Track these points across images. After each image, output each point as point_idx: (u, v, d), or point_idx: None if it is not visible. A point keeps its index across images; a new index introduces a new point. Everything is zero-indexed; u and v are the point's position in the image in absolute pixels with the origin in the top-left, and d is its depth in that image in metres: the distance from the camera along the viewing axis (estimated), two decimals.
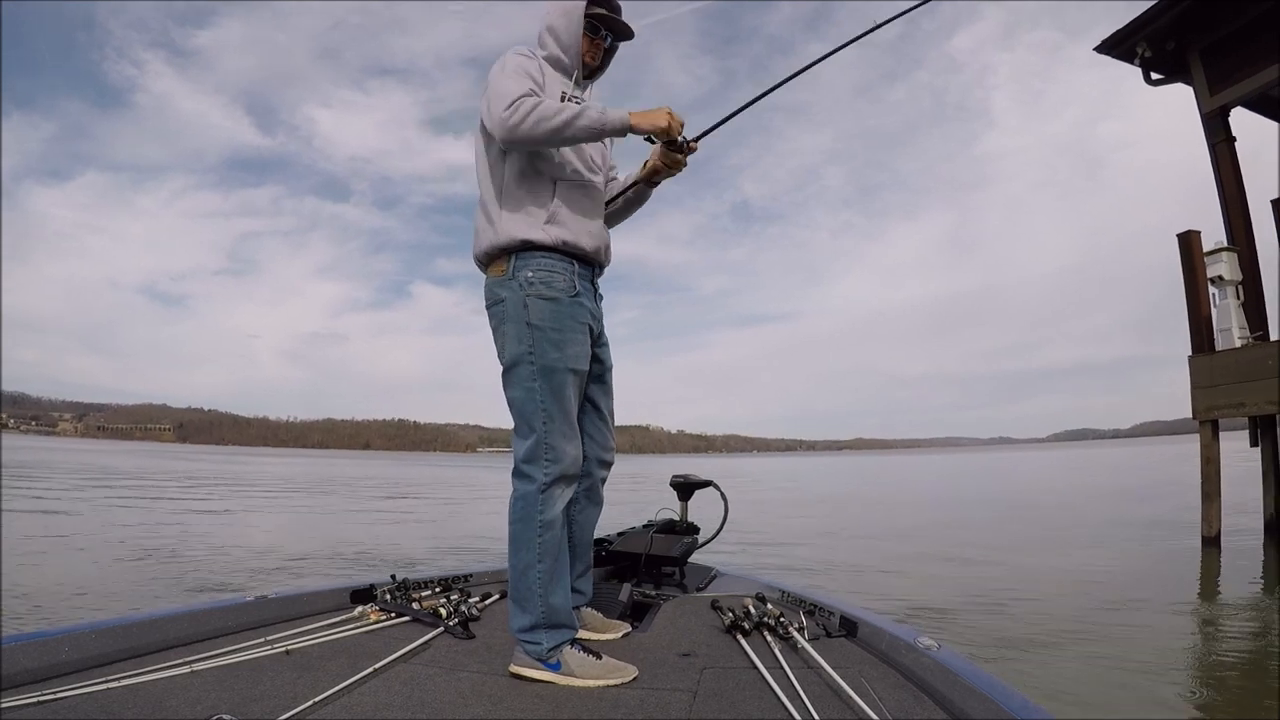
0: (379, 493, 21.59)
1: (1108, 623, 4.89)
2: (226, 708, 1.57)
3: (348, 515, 13.93)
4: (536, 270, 1.98)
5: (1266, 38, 7.51)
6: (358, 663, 1.90)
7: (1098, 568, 7.11)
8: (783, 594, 2.66)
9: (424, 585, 2.69)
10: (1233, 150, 8.15)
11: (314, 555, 8.08)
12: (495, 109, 1.89)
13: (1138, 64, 8.79)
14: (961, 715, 1.56)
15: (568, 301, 2.00)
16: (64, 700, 1.57)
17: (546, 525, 1.95)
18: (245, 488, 22.05)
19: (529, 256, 1.99)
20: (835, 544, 9.66)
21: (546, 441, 1.96)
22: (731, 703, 1.71)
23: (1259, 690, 3.62)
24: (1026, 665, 3.93)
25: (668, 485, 3.26)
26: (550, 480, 1.96)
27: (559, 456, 1.97)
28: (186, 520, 11.51)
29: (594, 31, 2.15)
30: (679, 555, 2.94)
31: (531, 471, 1.97)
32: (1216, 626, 4.91)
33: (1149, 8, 8.30)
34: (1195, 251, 7.99)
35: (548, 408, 1.97)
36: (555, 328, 1.97)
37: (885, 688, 1.76)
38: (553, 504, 1.97)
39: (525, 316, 1.97)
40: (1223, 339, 7.67)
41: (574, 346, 2.00)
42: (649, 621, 2.45)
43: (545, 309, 1.97)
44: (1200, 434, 7.73)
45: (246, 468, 41.32)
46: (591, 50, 2.17)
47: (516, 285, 1.98)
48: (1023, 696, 1.49)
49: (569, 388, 1.99)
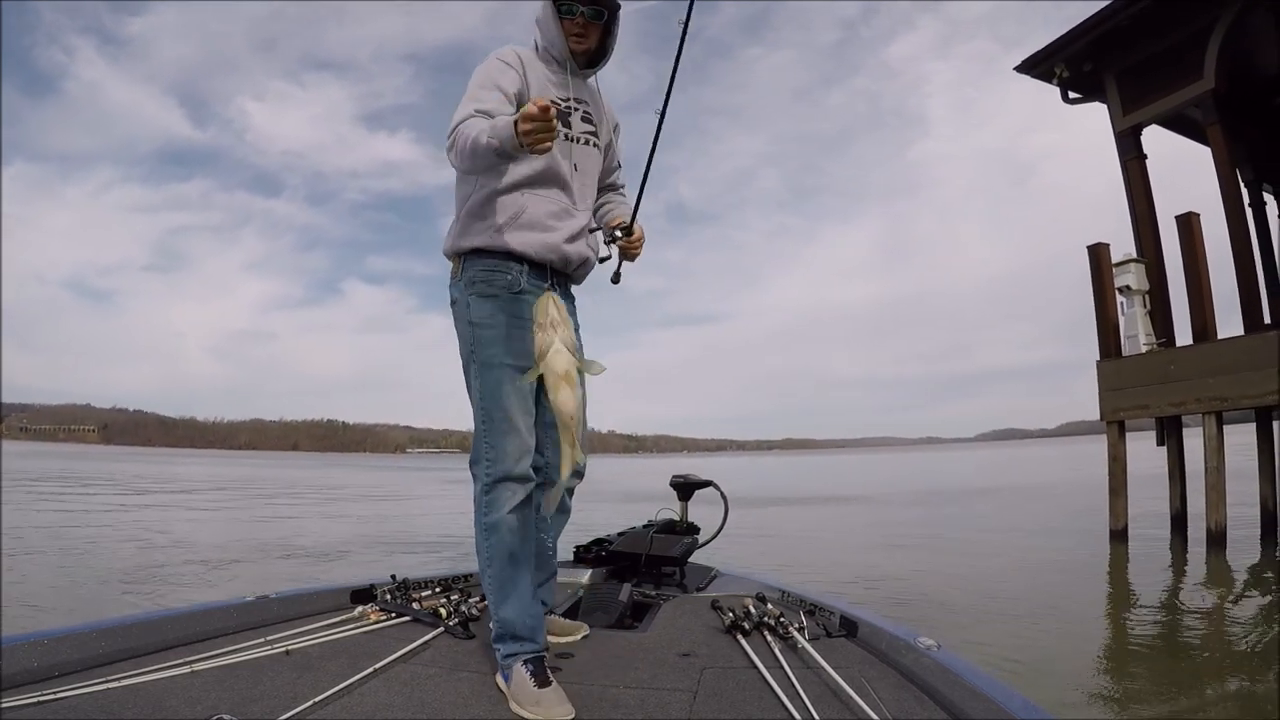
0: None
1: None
2: (226, 708, 1.57)
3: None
4: (480, 270, 1.98)
5: (1177, 63, 8.00)
6: (358, 663, 1.91)
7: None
8: (783, 594, 2.67)
9: (424, 585, 2.68)
10: (1143, 167, 8.63)
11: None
12: (451, 125, 1.86)
13: (1055, 84, 9.22)
14: (961, 715, 1.57)
15: (507, 298, 1.97)
16: (64, 700, 1.57)
17: (490, 528, 1.92)
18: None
19: (475, 257, 1.99)
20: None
21: (486, 440, 1.94)
22: (731, 703, 1.73)
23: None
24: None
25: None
26: (491, 480, 1.92)
27: (499, 456, 1.92)
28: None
29: (569, 13, 2.03)
30: (679, 555, 2.96)
31: (475, 472, 1.96)
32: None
33: (1068, 31, 8.72)
34: (1103, 263, 8.47)
35: (486, 405, 1.95)
36: (492, 324, 1.96)
37: (885, 688, 1.77)
38: (496, 506, 1.92)
39: (468, 315, 1.98)
40: (1129, 345, 8.12)
41: (513, 343, 1.94)
42: (649, 621, 2.46)
43: (484, 306, 1.97)
44: (1108, 434, 8.18)
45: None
46: (577, 34, 2.05)
47: (463, 285, 2.00)
48: (1023, 697, 1.52)
49: (508, 384, 1.93)
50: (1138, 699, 3.39)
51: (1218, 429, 7.12)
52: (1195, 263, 7.75)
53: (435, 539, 10.17)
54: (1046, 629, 4.68)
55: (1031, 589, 6.15)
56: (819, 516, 14.25)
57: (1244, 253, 7.59)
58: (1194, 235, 7.75)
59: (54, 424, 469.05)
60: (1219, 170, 7.70)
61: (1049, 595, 5.84)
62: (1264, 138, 9.96)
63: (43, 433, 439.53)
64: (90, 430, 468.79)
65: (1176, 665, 3.91)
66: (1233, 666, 3.78)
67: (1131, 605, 5.49)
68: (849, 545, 9.59)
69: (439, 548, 9.23)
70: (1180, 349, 7.87)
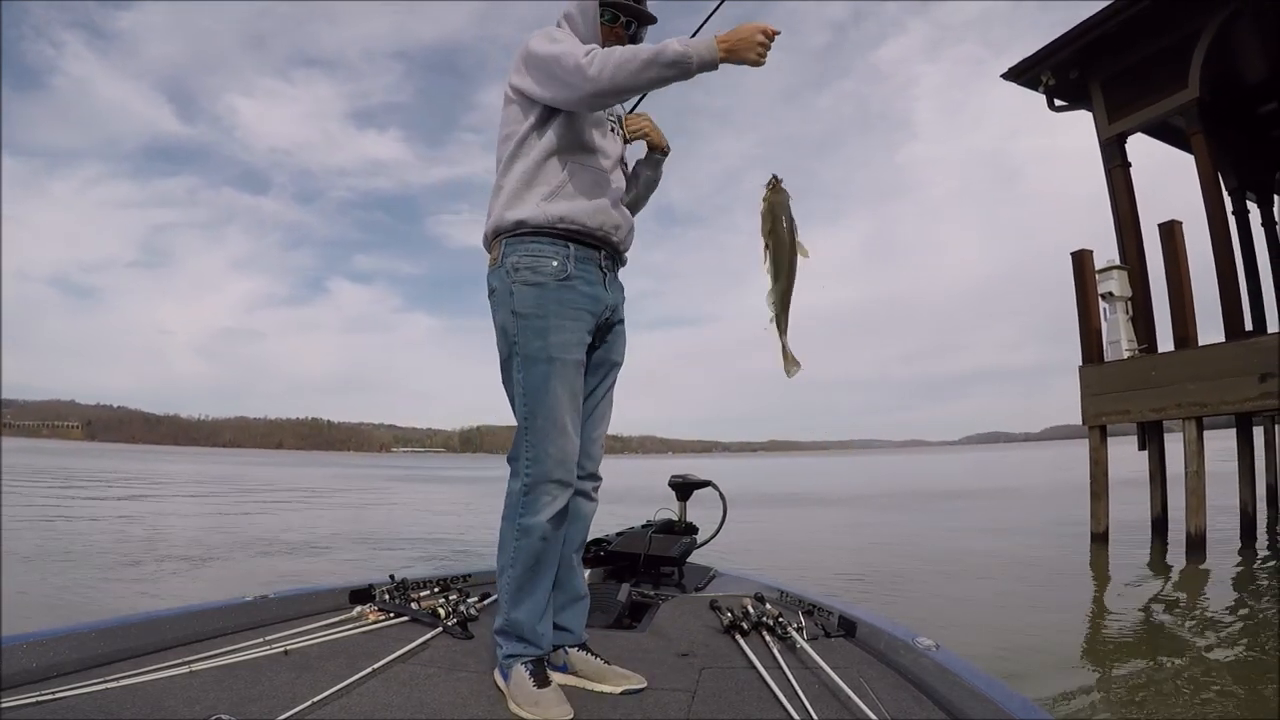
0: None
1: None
2: (225, 708, 1.58)
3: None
4: (523, 255, 1.87)
5: (1162, 72, 8.09)
6: (356, 663, 1.91)
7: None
8: (781, 594, 2.68)
9: (422, 585, 2.68)
10: (1127, 175, 8.71)
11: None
12: (569, 65, 1.77)
13: (1042, 91, 9.29)
14: (960, 715, 1.58)
15: (555, 286, 1.86)
16: (63, 700, 1.57)
17: (524, 531, 1.83)
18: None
19: (517, 241, 1.89)
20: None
21: (527, 439, 1.85)
22: (730, 703, 1.73)
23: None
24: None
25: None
26: (531, 482, 1.83)
27: (539, 456, 1.83)
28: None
29: (612, 20, 2.03)
30: (678, 555, 2.96)
31: (514, 469, 1.88)
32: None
33: (1054, 40, 8.80)
34: (1087, 269, 8.58)
35: (529, 402, 1.85)
36: (539, 314, 1.85)
37: (884, 688, 1.78)
38: (536, 509, 1.82)
39: (511, 305, 1.86)
40: (1111, 350, 8.21)
41: (559, 334, 1.85)
42: (647, 621, 2.46)
43: (530, 295, 1.85)
44: (1089, 438, 8.27)
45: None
46: (611, 39, 2.03)
47: (504, 273, 1.88)
48: (1022, 697, 1.52)
49: (554, 380, 1.84)
50: (1115, 701, 3.42)
51: (1198, 434, 7.22)
52: (1177, 270, 7.85)
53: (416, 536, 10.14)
54: (1023, 629, 4.73)
55: (1010, 590, 6.23)
56: (804, 517, 14.32)
57: (1226, 260, 7.69)
58: (1176, 243, 7.85)
59: (38, 420, 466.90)
60: (1202, 179, 7.79)
61: (1027, 596, 5.92)
62: (1248, 145, 10.12)
63: (26, 429, 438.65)
64: (74, 427, 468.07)
65: (1153, 667, 3.95)
66: (1210, 669, 3.82)
67: (1109, 607, 5.55)
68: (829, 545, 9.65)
69: (420, 545, 9.20)
70: (1162, 355, 7.97)
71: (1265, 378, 6.61)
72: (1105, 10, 8.14)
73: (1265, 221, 10.67)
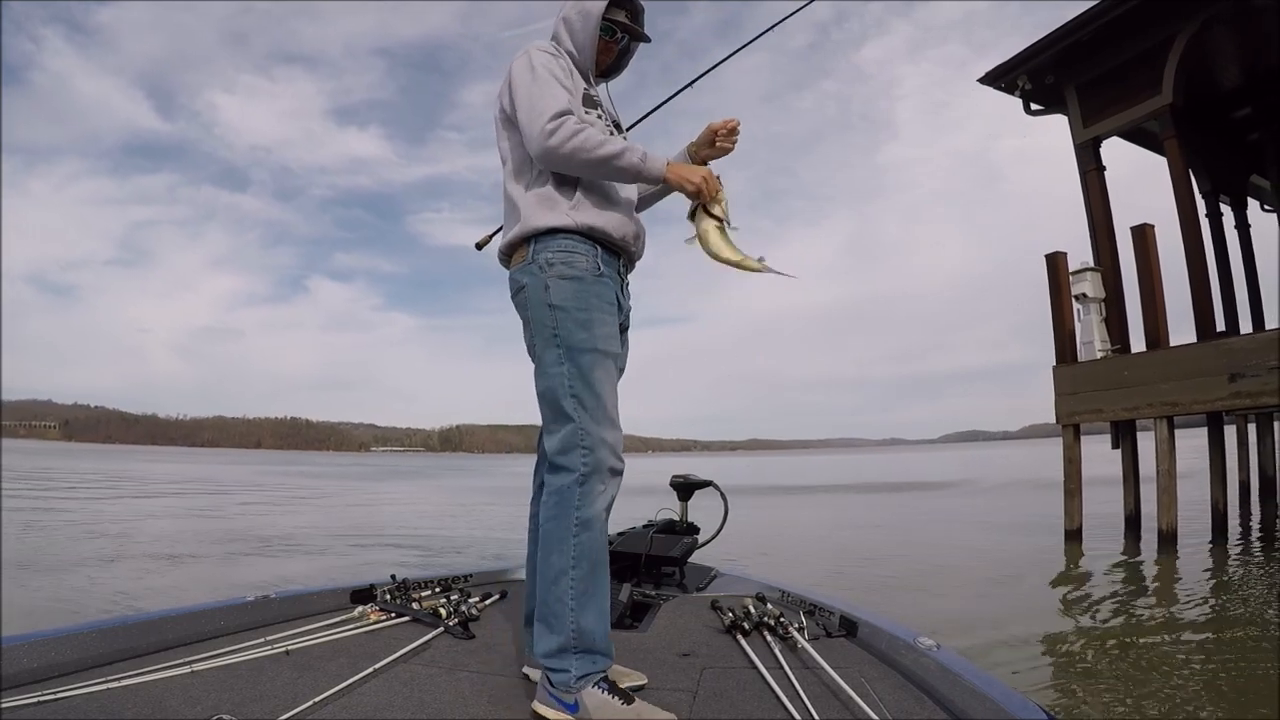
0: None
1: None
2: (227, 708, 1.58)
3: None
4: (556, 251, 1.86)
5: (1137, 77, 8.24)
6: (358, 663, 1.91)
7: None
8: (783, 594, 2.68)
9: (424, 585, 2.68)
10: (1102, 178, 8.85)
11: None
12: (535, 123, 1.81)
13: (1018, 95, 9.41)
14: (961, 715, 1.59)
15: (591, 280, 1.86)
16: (64, 700, 1.57)
17: (584, 524, 1.74)
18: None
19: (549, 239, 1.87)
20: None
21: (581, 428, 1.78)
22: (731, 703, 1.73)
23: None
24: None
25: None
26: (589, 470, 1.76)
27: (595, 444, 1.78)
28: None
29: (609, 34, 2.09)
30: (679, 555, 2.96)
31: (567, 462, 1.78)
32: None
33: (1031, 45, 8.90)
34: (1061, 271, 8.72)
35: (578, 392, 1.80)
36: (580, 307, 1.84)
37: (885, 688, 1.78)
38: (591, 499, 1.76)
39: (547, 299, 1.84)
40: (1085, 351, 8.35)
41: (602, 327, 1.85)
42: (649, 621, 2.47)
43: (567, 288, 1.84)
44: (1063, 437, 8.43)
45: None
46: (605, 51, 2.11)
47: (536, 269, 1.86)
48: (1022, 697, 1.53)
49: (599, 370, 1.83)
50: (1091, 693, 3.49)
51: (1169, 433, 7.38)
52: (1149, 273, 8.01)
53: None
54: (996, 623, 4.81)
55: (984, 583, 6.32)
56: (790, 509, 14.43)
57: (1198, 262, 7.82)
58: (1148, 246, 8.01)
59: (14, 420, 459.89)
60: (1175, 183, 7.94)
61: (1001, 590, 6.01)
62: (1222, 150, 10.30)
63: (3, 429, 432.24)
64: (51, 427, 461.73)
65: (1123, 661, 4.03)
66: (1180, 664, 3.90)
67: (1081, 602, 5.64)
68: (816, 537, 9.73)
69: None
70: (1134, 355, 8.12)
71: (1235, 378, 6.77)
72: (1080, 16, 8.27)
73: (1239, 224, 10.86)
